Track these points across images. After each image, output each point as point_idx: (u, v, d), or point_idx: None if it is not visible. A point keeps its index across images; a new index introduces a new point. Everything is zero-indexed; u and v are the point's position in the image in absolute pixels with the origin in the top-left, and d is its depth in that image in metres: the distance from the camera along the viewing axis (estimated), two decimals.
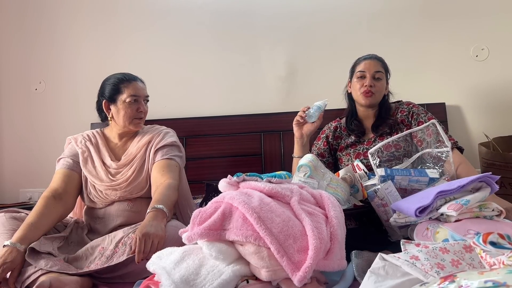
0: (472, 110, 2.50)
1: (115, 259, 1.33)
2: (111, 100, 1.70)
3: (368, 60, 1.86)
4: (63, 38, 2.76)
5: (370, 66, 1.83)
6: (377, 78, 1.82)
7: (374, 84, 1.81)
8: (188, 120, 2.58)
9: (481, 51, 2.48)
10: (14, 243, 1.34)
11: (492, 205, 1.18)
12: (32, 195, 2.69)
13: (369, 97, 1.82)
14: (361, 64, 1.87)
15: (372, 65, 1.84)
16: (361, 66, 1.86)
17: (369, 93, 1.81)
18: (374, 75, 1.82)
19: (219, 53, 2.68)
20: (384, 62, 1.89)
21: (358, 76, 1.85)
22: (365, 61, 1.86)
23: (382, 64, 1.86)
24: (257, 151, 2.52)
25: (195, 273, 1.06)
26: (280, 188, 1.24)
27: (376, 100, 1.84)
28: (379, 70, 1.83)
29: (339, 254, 1.12)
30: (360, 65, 1.87)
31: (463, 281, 0.65)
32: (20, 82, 2.79)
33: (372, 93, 1.81)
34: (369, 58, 1.87)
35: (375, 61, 1.85)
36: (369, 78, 1.82)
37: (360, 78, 1.85)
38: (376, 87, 1.81)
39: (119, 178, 1.64)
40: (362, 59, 1.89)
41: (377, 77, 1.82)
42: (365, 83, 1.82)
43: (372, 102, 1.83)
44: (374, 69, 1.82)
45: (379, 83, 1.83)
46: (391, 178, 1.44)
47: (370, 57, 1.87)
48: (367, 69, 1.83)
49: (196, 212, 1.17)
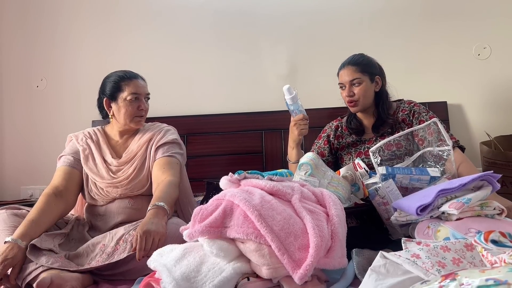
0: (473, 109, 2.49)
1: (116, 256, 1.33)
2: (111, 98, 1.70)
3: (342, 71, 1.86)
4: (64, 35, 2.76)
5: (344, 77, 1.83)
6: (354, 84, 1.81)
7: (354, 93, 1.81)
8: (189, 118, 2.58)
9: (483, 49, 2.48)
10: (15, 239, 1.34)
11: (494, 203, 1.17)
12: (33, 192, 2.70)
13: (353, 106, 1.84)
14: (339, 76, 1.88)
15: (346, 74, 1.83)
16: (339, 78, 1.87)
17: (351, 102, 1.83)
18: (351, 83, 1.82)
19: (221, 51, 2.68)
20: (361, 64, 1.83)
21: (340, 87, 1.87)
22: (341, 72, 1.86)
23: (357, 68, 1.82)
24: (258, 149, 2.52)
25: (196, 270, 1.06)
26: (281, 186, 1.24)
27: (363, 104, 1.83)
28: (355, 77, 1.80)
29: (340, 252, 1.12)
30: (339, 77, 1.88)
31: (464, 279, 0.65)
32: (21, 79, 2.78)
33: (354, 101, 1.82)
34: (343, 67, 1.86)
35: (349, 69, 1.82)
36: (347, 88, 1.82)
37: (342, 89, 1.87)
38: (357, 94, 1.81)
39: (120, 176, 1.64)
40: (340, 69, 1.88)
41: (355, 84, 1.81)
42: (345, 94, 1.84)
43: (359, 109, 1.84)
44: (349, 78, 1.81)
45: (358, 88, 1.81)
46: (392, 177, 1.44)
47: (344, 66, 1.86)
48: (343, 80, 1.84)
49: (197, 210, 1.17)
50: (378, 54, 1.99)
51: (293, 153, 1.88)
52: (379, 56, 1.96)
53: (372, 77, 1.84)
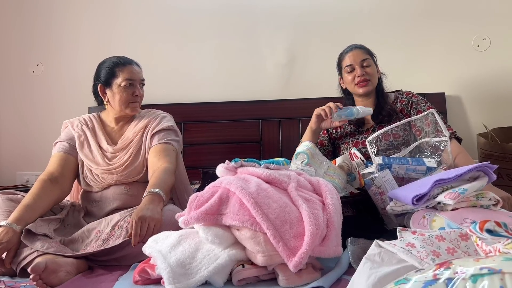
0: (472, 101, 2.49)
1: (111, 242, 1.33)
2: (106, 84, 1.69)
3: (350, 52, 1.86)
4: (61, 20, 2.72)
5: (355, 57, 1.83)
6: (366, 66, 1.82)
7: (366, 72, 1.82)
8: (186, 106, 2.56)
9: (482, 41, 2.47)
10: (10, 223, 1.33)
11: (489, 194, 1.18)
12: (29, 178, 2.68)
13: (365, 85, 1.82)
14: (345, 59, 1.87)
15: (356, 55, 1.83)
16: (346, 61, 1.86)
17: (364, 81, 1.81)
18: (362, 64, 1.82)
19: (219, 39, 2.66)
20: (366, 48, 1.88)
21: (348, 71, 1.85)
22: (348, 54, 1.86)
23: (365, 51, 1.86)
24: (256, 138, 2.51)
25: (191, 257, 1.06)
26: (278, 175, 1.24)
27: (373, 85, 1.84)
28: (365, 58, 1.83)
29: (335, 241, 1.12)
30: (345, 60, 1.87)
31: (459, 267, 0.65)
32: (17, 64, 2.75)
33: (366, 80, 1.81)
34: (351, 50, 1.87)
35: (358, 51, 1.85)
36: (359, 68, 1.82)
37: (350, 72, 1.85)
38: (369, 73, 1.82)
39: (116, 162, 1.64)
40: (345, 53, 1.89)
41: (365, 65, 1.82)
42: (356, 74, 1.82)
43: (370, 88, 1.83)
44: (360, 58, 1.82)
45: (370, 69, 1.82)
46: (389, 167, 1.44)
47: (352, 49, 1.87)
48: (353, 61, 1.83)
49: (193, 197, 1.17)
50: (377, 44, 1.98)
51: (309, 135, 1.82)
52: (378, 46, 1.95)
53: (375, 61, 1.88)
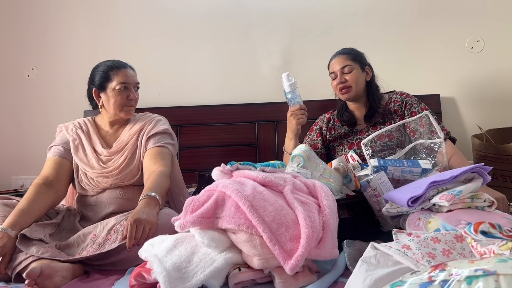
0: (466, 102, 2.50)
1: (107, 246, 1.32)
2: (101, 88, 1.68)
3: (333, 60, 1.90)
4: (55, 24, 2.72)
5: (336, 65, 1.86)
6: (347, 72, 1.83)
7: (346, 79, 1.83)
8: (182, 109, 2.56)
9: (476, 43, 2.48)
10: (5, 228, 1.32)
11: (484, 195, 1.18)
12: (24, 183, 2.67)
13: (346, 93, 1.84)
14: (330, 66, 1.91)
15: (337, 62, 1.86)
16: (330, 68, 1.90)
17: (344, 88, 1.83)
18: (343, 71, 1.84)
19: (214, 42, 2.66)
20: (352, 53, 1.88)
21: (332, 77, 1.89)
22: (332, 61, 1.90)
23: (348, 56, 1.86)
24: (251, 140, 2.52)
25: (187, 260, 1.06)
26: (274, 177, 1.24)
27: (355, 92, 1.85)
28: (346, 64, 1.84)
29: (331, 243, 1.12)
30: (330, 67, 1.91)
31: (454, 269, 0.65)
32: (12, 68, 2.74)
33: (346, 87, 1.83)
34: (335, 56, 1.90)
35: (340, 58, 1.87)
36: (339, 75, 1.84)
37: (334, 79, 1.88)
38: (349, 80, 1.83)
39: (111, 166, 1.63)
40: (331, 59, 1.92)
41: (346, 71, 1.84)
42: (337, 82, 1.84)
43: (351, 95, 1.85)
44: (340, 66, 1.84)
45: (350, 75, 1.83)
46: (384, 169, 1.45)
47: (335, 56, 1.90)
48: (334, 68, 1.87)
49: (189, 200, 1.17)
50: (372, 46, 1.99)
51: (291, 143, 1.88)
52: (372, 48, 1.96)
53: (362, 66, 1.87)
